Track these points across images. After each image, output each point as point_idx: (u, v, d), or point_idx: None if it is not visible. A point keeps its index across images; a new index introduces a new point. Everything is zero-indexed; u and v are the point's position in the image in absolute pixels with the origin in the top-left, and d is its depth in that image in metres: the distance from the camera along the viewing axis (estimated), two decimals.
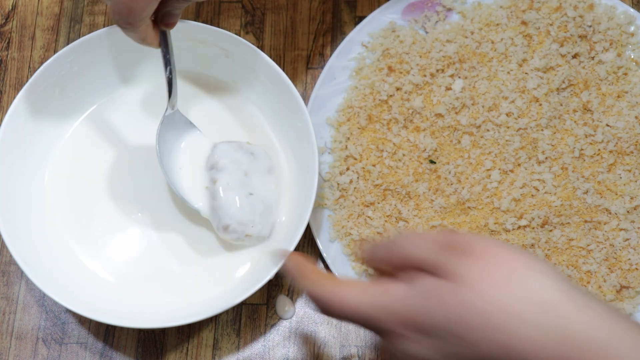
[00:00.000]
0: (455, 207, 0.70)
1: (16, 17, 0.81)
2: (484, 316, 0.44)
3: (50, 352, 0.70)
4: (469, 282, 0.45)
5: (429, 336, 0.46)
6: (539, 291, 0.44)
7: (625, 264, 0.68)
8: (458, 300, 0.45)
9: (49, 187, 0.72)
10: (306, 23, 0.79)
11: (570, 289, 0.45)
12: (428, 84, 0.73)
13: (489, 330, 0.44)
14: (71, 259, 0.70)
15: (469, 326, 0.45)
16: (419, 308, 0.46)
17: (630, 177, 0.70)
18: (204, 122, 0.73)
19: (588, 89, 0.72)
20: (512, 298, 0.44)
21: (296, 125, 0.69)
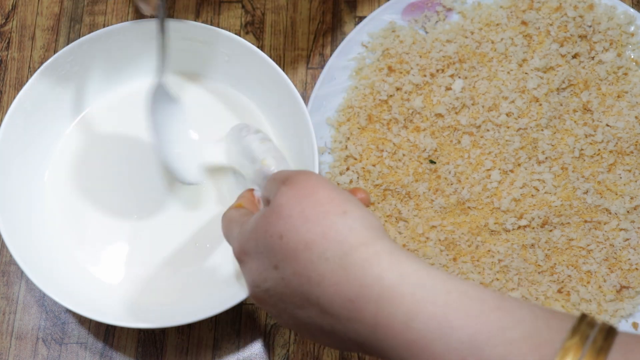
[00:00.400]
0: (455, 207, 0.70)
1: (16, 17, 0.81)
2: (282, 240, 0.46)
3: (50, 352, 0.70)
4: (276, 207, 0.47)
5: (254, 260, 0.49)
6: (343, 231, 0.45)
7: (625, 264, 0.68)
8: (266, 223, 0.48)
9: (49, 187, 0.72)
10: (306, 23, 0.79)
11: (375, 237, 0.46)
12: (428, 84, 0.73)
13: (287, 255, 0.46)
14: (71, 259, 0.70)
15: (271, 248, 0.47)
16: (248, 233, 0.49)
17: (630, 177, 0.70)
18: (204, 122, 0.73)
19: (588, 89, 0.72)
20: (315, 232, 0.45)
21: (296, 125, 0.69)
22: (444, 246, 0.69)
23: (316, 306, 0.45)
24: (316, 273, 0.45)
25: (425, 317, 0.41)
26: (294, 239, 0.46)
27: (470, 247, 0.69)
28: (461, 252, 0.69)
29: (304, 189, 0.47)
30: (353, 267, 0.44)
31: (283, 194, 0.47)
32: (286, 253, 0.46)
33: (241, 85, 0.74)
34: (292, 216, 0.46)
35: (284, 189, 0.48)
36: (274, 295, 0.48)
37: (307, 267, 0.45)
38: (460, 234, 0.69)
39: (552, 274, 0.68)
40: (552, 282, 0.68)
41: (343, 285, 0.44)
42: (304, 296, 0.46)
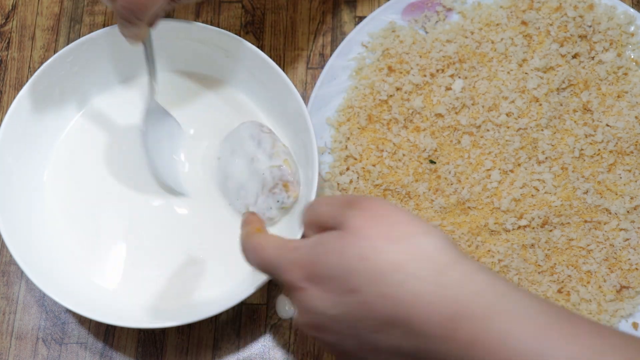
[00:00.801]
0: (455, 207, 0.70)
1: (16, 17, 0.81)
2: (366, 262, 0.45)
3: (50, 352, 0.70)
4: (353, 230, 0.46)
5: (322, 285, 0.47)
6: (432, 251, 0.45)
7: (625, 264, 0.68)
8: (342, 245, 0.46)
9: (49, 186, 0.72)
10: (306, 23, 0.79)
11: (460, 256, 0.45)
12: (428, 84, 0.73)
13: (372, 277, 0.45)
14: (71, 259, 0.70)
15: (349, 271, 0.45)
16: (313, 257, 0.47)
17: (630, 177, 0.70)
18: (203, 122, 0.73)
19: (588, 89, 0.72)
20: (403, 253, 0.45)
21: (296, 125, 0.69)
22: None
23: (402, 327, 0.44)
24: (409, 293, 0.44)
25: (522, 336, 0.41)
26: (379, 261, 0.45)
27: (470, 247, 0.69)
28: None
29: (378, 211, 0.47)
30: (449, 286, 0.44)
31: (357, 217, 0.47)
32: (370, 275, 0.45)
33: (241, 85, 0.74)
34: (373, 237, 0.46)
35: (356, 212, 0.47)
36: (343, 321, 0.46)
37: (398, 288, 0.44)
38: (460, 234, 0.69)
39: (552, 274, 0.68)
40: (552, 282, 0.68)
41: (439, 304, 0.43)
42: (388, 319, 0.45)
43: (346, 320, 0.46)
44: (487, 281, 0.44)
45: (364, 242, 0.46)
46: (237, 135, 0.71)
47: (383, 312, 0.45)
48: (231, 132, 0.71)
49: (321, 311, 0.47)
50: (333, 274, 0.46)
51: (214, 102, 0.74)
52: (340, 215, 0.48)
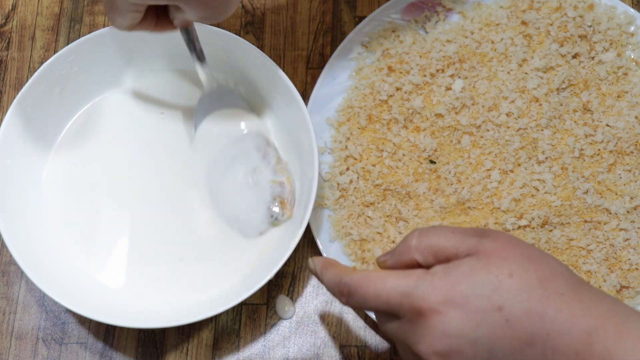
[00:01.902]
0: (455, 207, 0.70)
1: (16, 17, 0.81)
2: (512, 279, 0.46)
3: (50, 352, 0.70)
4: (492, 253, 0.48)
5: (465, 307, 0.47)
6: (565, 271, 0.48)
7: (625, 264, 0.68)
8: (488, 265, 0.47)
9: (49, 186, 0.72)
10: (306, 23, 0.79)
11: (581, 278, 0.48)
12: (428, 84, 0.73)
13: (519, 293, 0.46)
14: (71, 259, 0.70)
15: (496, 288, 0.46)
16: (453, 279, 0.47)
17: (630, 177, 0.70)
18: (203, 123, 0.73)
19: (588, 89, 0.72)
20: (544, 270, 0.47)
21: (296, 125, 0.69)
22: None
23: (540, 346, 0.45)
24: (552, 308, 0.46)
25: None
26: (524, 277, 0.46)
27: None
28: None
29: (508, 239, 0.49)
30: (585, 301, 0.46)
31: (492, 242, 0.49)
32: (517, 291, 0.46)
33: (241, 85, 0.74)
34: (516, 256, 0.47)
35: (489, 239, 0.49)
36: (483, 343, 0.47)
37: (543, 302, 0.46)
38: None
39: None
40: None
41: (579, 318, 0.45)
42: (528, 337, 0.46)
43: (487, 342, 0.46)
44: (614, 301, 0.47)
45: (508, 262, 0.47)
46: (242, 143, 0.71)
47: (526, 329, 0.46)
48: (237, 138, 0.71)
49: (462, 334, 0.47)
50: (479, 293, 0.47)
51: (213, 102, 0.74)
52: (472, 244, 0.49)
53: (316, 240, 0.70)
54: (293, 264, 0.72)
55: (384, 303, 0.50)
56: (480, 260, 0.48)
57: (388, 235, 0.70)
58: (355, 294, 0.51)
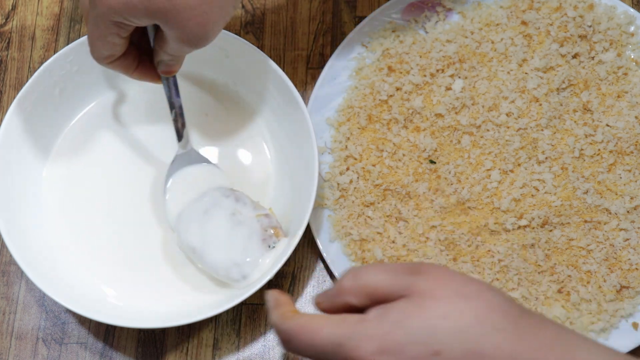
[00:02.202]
0: (455, 207, 0.70)
1: (16, 17, 0.81)
2: (448, 320, 0.45)
3: (50, 352, 0.70)
4: (425, 293, 0.46)
5: (400, 355, 0.45)
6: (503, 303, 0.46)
7: (625, 264, 0.68)
8: (421, 308, 0.45)
9: (49, 187, 0.72)
10: (306, 23, 0.79)
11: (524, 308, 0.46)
12: (428, 84, 0.73)
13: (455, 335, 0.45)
14: (71, 259, 0.70)
15: (432, 332, 0.45)
16: (387, 326, 0.46)
17: (630, 177, 0.70)
18: (203, 122, 0.73)
19: (588, 89, 0.72)
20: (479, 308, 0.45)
21: (296, 125, 0.69)
22: (444, 246, 0.69)
23: None
24: (490, 345, 0.44)
25: None
26: (461, 317, 0.45)
27: (470, 247, 0.69)
28: (461, 252, 0.69)
29: (441, 274, 0.47)
30: (528, 332, 0.45)
31: (425, 281, 0.47)
32: (454, 333, 0.45)
33: (241, 85, 0.74)
34: (450, 296, 0.46)
35: (422, 277, 0.47)
36: None
37: (480, 341, 0.45)
38: (460, 234, 0.69)
39: (552, 274, 0.68)
40: (552, 282, 0.68)
41: (520, 353, 0.44)
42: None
43: None
44: (559, 330, 0.46)
45: (442, 302, 0.46)
46: (207, 198, 0.69)
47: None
48: (196, 199, 0.69)
49: None
50: (414, 340, 0.45)
51: (212, 102, 0.74)
52: (405, 284, 0.47)
53: (316, 240, 0.70)
54: (293, 264, 0.72)
55: (319, 353, 0.48)
56: (413, 302, 0.46)
57: (388, 235, 0.70)
58: (292, 342, 0.49)
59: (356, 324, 0.47)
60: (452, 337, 0.45)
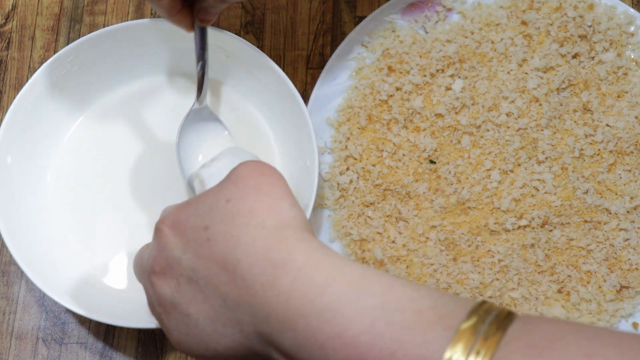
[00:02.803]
0: (455, 207, 0.70)
1: (16, 17, 0.81)
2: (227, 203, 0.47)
3: (50, 352, 0.70)
4: (233, 176, 0.49)
5: (179, 227, 0.48)
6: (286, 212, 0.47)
7: (625, 264, 0.68)
8: (218, 189, 0.49)
9: (49, 187, 0.72)
10: (306, 23, 0.79)
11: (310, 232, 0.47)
12: (428, 84, 0.73)
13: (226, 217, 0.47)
14: (71, 259, 0.70)
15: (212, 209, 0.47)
16: (192, 201, 0.50)
17: (630, 177, 0.70)
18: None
19: (588, 89, 0.72)
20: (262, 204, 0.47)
21: (296, 125, 0.69)
22: (444, 246, 0.69)
23: (232, 273, 0.45)
24: (248, 236, 0.45)
25: (340, 284, 0.42)
26: (240, 204, 0.47)
27: (470, 247, 0.69)
28: (461, 252, 0.69)
29: (265, 169, 0.49)
30: (286, 238, 0.45)
31: (244, 167, 0.49)
32: (226, 214, 0.46)
33: (241, 85, 0.74)
34: (247, 186, 0.48)
35: (246, 163, 0.49)
36: (189, 260, 0.47)
37: (242, 230, 0.46)
38: (460, 234, 0.69)
39: (552, 274, 0.68)
40: (552, 282, 0.68)
41: (272, 251, 0.44)
42: (223, 260, 0.45)
43: (192, 260, 0.46)
44: (323, 246, 0.45)
45: (236, 188, 0.48)
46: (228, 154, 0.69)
47: (221, 253, 0.45)
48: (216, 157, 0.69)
49: (169, 248, 0.48)
50: (196, 213, 0.48)
51: (212, 102, 0.74)
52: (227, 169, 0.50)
53: None
54: None
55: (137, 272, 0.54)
56: (223, 183, 0.49)
57: (388, 235, 0.70)
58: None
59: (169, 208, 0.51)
60: (222, 217, 0.46)
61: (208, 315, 0.46)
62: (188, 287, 0.47)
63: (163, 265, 0.48)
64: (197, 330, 0.47)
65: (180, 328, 0.48)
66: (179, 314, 0.47)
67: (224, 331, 0.46)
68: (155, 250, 0.49)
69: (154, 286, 0.49)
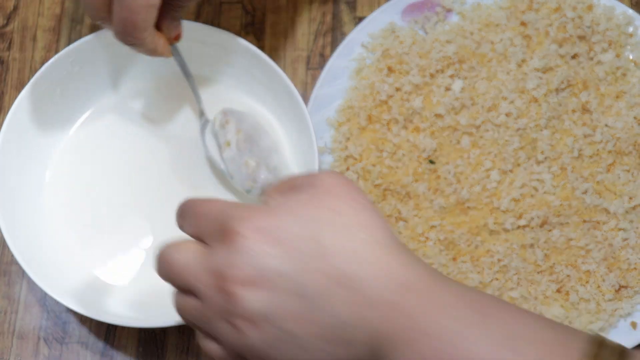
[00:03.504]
0: (455, 207, 0.70)
1: (17, 17, 0.81)
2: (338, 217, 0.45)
3: (52, 352, 0.71)
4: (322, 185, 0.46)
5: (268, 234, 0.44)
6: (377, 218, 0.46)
7: (624, 263, 0.68)
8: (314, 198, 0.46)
9: (50, 187, 0.73)
10: (306, 24, 0.79)
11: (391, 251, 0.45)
12: (428, 85, 0.73)
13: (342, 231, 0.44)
14: (72, 258, 0.70)
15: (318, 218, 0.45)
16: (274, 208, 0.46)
17: (629, 177, 0.70)
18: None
19: (587, 90, 0.72)
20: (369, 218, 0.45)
21: (296, 126, 0.69)
22: (443, 246, 0.69)
23: (352, 290, 0.43)
24: (371, 253, 0.44)
25: (464, 307, 0.43)
26: (348, 218, 0.45)
27: (469, 247, 0.69)
28: (461, 252, 0.69)
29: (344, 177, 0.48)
30: (403, 255, 0.45)
31: (328, 176, 0.47)
32: (337, 227, 0.44)
33: (241, 85, 0.74)
34: (344, 198, 0.45)
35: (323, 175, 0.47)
36: (290, 275, 0.43)
37: (362, 246, 0.44)
38: (460, 234, 0.69)
39: (551, 274, 0.68)
40: (551, 281, 0.68)
41: (396, 270, 0.44)
42: (341, 276, 0.43)
43: (294, 277, 0.43)
44: (430, 266, 0.45)
45: (334, 199, 0.45)
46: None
47: (340, 268, 0.43)
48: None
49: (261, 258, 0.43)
50: (295, 222, 0.44)
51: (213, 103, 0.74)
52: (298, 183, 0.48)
53: None
54: None
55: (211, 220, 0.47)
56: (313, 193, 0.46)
57: None
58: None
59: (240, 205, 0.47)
60: (335, 231, 0.44)
61: (313, 332, 0.43)
62: (291, 301, 0.43)
63: (251, 274, 0.44)
64: (295, 347, 0.44)
65: (270, 342, 0.44)
66: (273, 328, 0.43)
67: (331, 350, 0.43)
68: (234, 256, 0.44)
69: (233, 295, 0.44)
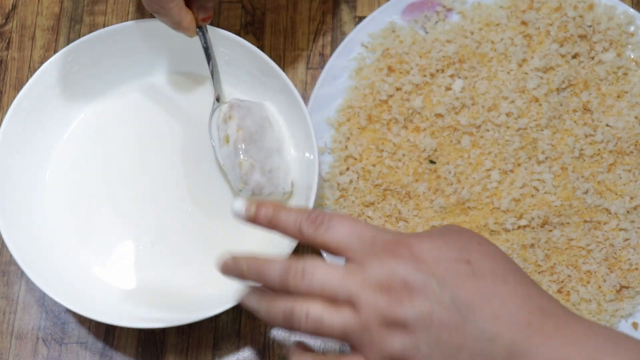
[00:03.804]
0: (455, 207, 0.70)
1: (16, 17, 0.81)
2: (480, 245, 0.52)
3: (51, 352, 0.70)
4: (454, 227, 0.55)
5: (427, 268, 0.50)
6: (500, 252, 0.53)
7: (625, 263, 0.68)
8: (456, 236, 0.53)
9: (49, 187, 0.72)
10: (306, 23, 0.79)
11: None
12: (428, 84, 0.73)
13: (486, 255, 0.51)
14: (71, 259, 0.70)
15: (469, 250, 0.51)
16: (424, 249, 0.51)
17: (630, 177, 0.70)
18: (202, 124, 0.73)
19: (588, 89, 0.72)
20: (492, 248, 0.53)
21: (296, 126, 0.69)
22: None
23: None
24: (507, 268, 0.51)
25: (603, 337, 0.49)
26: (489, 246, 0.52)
27: None
28: None
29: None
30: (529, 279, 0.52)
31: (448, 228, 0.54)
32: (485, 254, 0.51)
33: (241, 85, 0.74)
34: (473, 235, 0.53)
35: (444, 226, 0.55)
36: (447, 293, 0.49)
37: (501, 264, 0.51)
38: None
39: (552, 274, 0.68)
40: (552, 281, 0.68)
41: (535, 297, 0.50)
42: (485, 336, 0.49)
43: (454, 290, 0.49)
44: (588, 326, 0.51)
45: (469, 235, 0.53)
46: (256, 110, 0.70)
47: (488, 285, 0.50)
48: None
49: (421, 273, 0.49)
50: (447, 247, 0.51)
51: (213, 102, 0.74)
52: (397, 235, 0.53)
53: None
54: None
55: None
56: (451, 233, 0.53)
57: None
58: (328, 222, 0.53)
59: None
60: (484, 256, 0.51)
61: (461, 344, 0.49)
62: (448, 312, 0.49)
63: (415, 281, 0.49)
64: (444, 357, 0.49)
65: (424, 351, 0.49)
66: (430, 337, 0.49)
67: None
68: (396, 267, 0.50)
69: (398, 302, 0.49)
